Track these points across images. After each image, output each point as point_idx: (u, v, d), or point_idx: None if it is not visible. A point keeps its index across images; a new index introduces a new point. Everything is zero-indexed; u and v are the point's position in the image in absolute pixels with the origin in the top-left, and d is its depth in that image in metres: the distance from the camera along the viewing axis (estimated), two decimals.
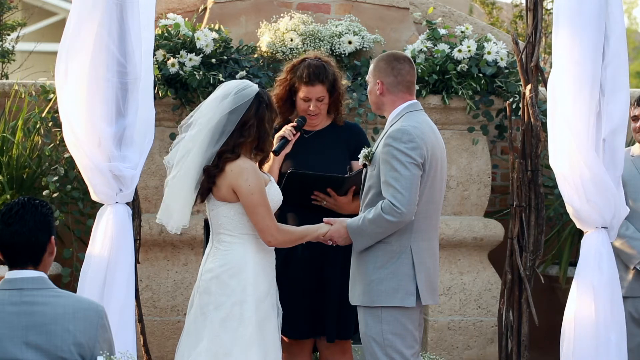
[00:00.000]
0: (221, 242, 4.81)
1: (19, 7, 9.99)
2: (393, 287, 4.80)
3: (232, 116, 4.75)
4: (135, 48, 5.18)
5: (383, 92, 4.93)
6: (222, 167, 4.74)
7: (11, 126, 6.65)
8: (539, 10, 5.75)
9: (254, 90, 4.80)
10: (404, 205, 4.70)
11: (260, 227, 4.75)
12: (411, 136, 4.76)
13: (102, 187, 5.19)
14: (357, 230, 4.83)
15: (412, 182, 4.73)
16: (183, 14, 6.91)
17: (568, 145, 5.22)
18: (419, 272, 4.83)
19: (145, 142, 5.35)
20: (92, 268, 5.15)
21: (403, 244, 4.82)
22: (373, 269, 4.82)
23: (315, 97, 5.36)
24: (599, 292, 5.27)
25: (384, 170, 4.78)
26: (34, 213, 3.80)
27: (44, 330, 3.70)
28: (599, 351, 5.20)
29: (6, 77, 8.61)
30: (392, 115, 4.93)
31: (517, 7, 10.84)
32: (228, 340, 4.70)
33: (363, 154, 4.92)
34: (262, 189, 4.76)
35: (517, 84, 6.62)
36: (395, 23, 7.03)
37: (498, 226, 6.80)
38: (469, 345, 6.77)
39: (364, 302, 4.85)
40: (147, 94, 5.37)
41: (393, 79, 4.93)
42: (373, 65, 5.00)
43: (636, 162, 5.96)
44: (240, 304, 4.72)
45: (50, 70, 7.68)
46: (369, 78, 5.02)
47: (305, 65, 5.42)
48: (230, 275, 4.75)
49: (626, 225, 5.76)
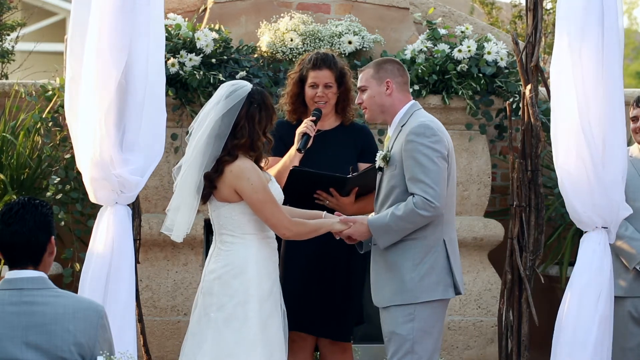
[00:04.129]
0: (223, 242, 4.81)
1: (18, 7, 9.98)
2: (434, 282, 4.83)
3: (225, 119, 4.74)
4: (141, 47, 5.15)
5: (392, 92, 4.95)
6: (221, 170, 4.74)
7: (11, 126, 6.65)
8: (539, 10, 5.75)
9: (245, 91, 4.79)
10: (436, 199, 4.74)
11: (272, 222, 4.75)
12: (433, 130, 4.84)
13: (103, 192, 5.18)
14: (384, 227, 4.82)
15: (441, 175, 4.79)
16: (183, 14, 6.91)
17: (569, 145, 5.23)
18: (454, 263, 4.90)
19: (155, 149, 5.26)
20: (92, 268, 5.15)
21: (437, 237, 4.86)
22: (411, 266, 4.83)
23: (322, 82, 5.38)
24: (594, 292, 5.27)
25: (409, 166, 4.80)
26: (33, 213, 3.80)
27: (44, 330, 3.70)
28: (587, 350, 5.22)
29: (6, 77, 8.61)
30: (400, 115, 4.95)
31: (516, 7, 10.84)
32: (231, 340, 4.71)
33: (380, 156, 4.93)
34: (265, 186, 4.75)
35: (517, 84, 6.62)
36: (395, 23, 7.03)
37: (498, 226, 6.80)
38: (469, 345, 6.77)
39: (402, 300, 4.82)
40: (155, 97, 5.27)
41: (401, 78, 4.99)
42: (373, 69, 4.98)
43: (635, 162, 5.96)
44: (243, 305, 4.72)
45: (50, 70, 7.69)
46: (367, 83, 4.98)
47: (314, 54, 5.51)
48: (232, 276, 4.75)
49: (626, 225, 5.76)
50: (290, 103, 5.51)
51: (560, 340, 5.31)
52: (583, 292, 5.30)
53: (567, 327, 5.29)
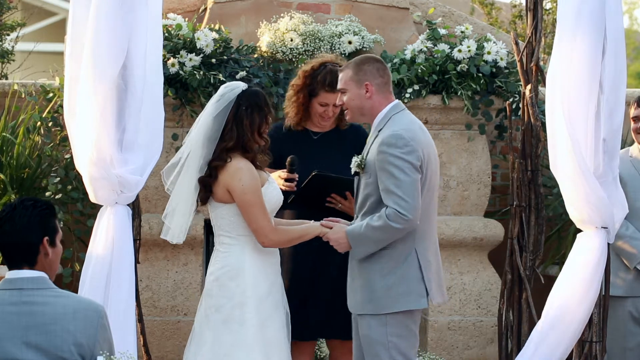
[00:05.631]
0: (221, 244, 4.83)
1: (18, 7, 9.98)
2: (404, 292, 4.76)
3: (215, 123, 4.75)
4: (139, 47, 5.15)
5: (372, 95, 4.85)
6: (215, 175, 4.74)
7: (11, 126, 6.65)
8: (538, 10, 5.75)
9: (235, 93, 4.79)
10: (409, 212, 4.65)
11: (254, 227, 4.74)
12: (405, 140, 4.71)
13: (103, 192, 5.18)
14: (360, 237, 4.77)
15: (414, 187, 4.68)
16: (183, 14, 6.91)
17: (568, 145, 5.22)
18: (427, 272, 4.81)
19: (154, 148, 5.26)
20: (92, 268, 5.15)
21: (408, 247, 4.79)
22: (380, 277, 4.77)
23: (333, 103, 5.35)
24: (586, 290, 5.26)
25: (382, 177, 4.72)
26: (23, 214, 3.78)
27: (44, 330, 3.70)
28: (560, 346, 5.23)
29: (5, 77, 8.61)
30: (379, 119, 4.86)
31: (516, 8, 10.84)
32: (229, 342, 4.72)
33: (355, 162, 4.85)
34: (257, 189, 4.74)
35: (517, 84, 6.61)
36: (395, 23, 7.03)
37: (498, 226, 6.80)
38: (469, 345, 6.77)
39: (373, 310, 4.78)
40: (154, 97, 5.27)
41: (381, 79, 4.87)
42: (352, 70, 4.88)
43: (635, 162, 5.97)
44: (240, 306, 4.73)
45: (50, 70, 7.69)
46: (346, 86, 4.90)
47: (327, 72, 5.42)
48: (229, 278, 4.76)
49: (626, 225, 5.76)
50: (297, 113, 5.49)
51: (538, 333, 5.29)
52: (574, 290, 5.27)
53: (547, 322, 5.27)
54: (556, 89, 5.23)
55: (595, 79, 5.18)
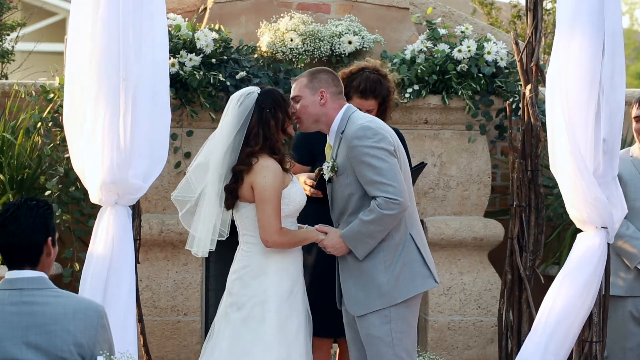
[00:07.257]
0: (245, 243, 4.88)
1: (18, 7, 9.99)
2: (410, 277, 4.82)
3: (238, 136, 4.79)
4: (143, 48, 5.13)
5: (326, 102, 4.92)
6: (240, 179, 4.79)
7: (11, 126, 6.65)
8: (538, 10, 5.76)
9: (252, 100, 4.82)
10: (398, 195, 4.71)
11: (262, 224, 4.77)
12: (373, 130, 4.79)
13: (104, 193, 5.16)
14: (356, 236, 4.79)
15: (395, 171, 4.75)
16: (183, 14, 6.91)
17: (567, 145, 5.22)
18: (425, 253, 4.88)
19: (159, 156, 5.23)
20: (93, 268, 5.14)
21: (404, 233, 4.84)
22: (384, 269, 4.81)
23: (365, 109, 5.39)
24: (586, 290, 5.26)
25: (361, 171, 4.76)
26: (28, 214, 3.79)
27: (44, 331, 3.70)
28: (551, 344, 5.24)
29: (6, 77, 8.62)
30: (337, 122, 4.93)
31: (516, 8, 10.85)
32: (248, 340, 4.75)
33: (327, 168, 4.89)
34: (277, 189, 4.77)
35: (517, 84, 6.62)
36: (395, 23, 7.03)
37: (498, 226, 6.80)
38: (469, 345, 6.77)
39: (381, 305, 4.80)
40: (159, 100, 5.22)
41: (335, 88, 4.97)
42: (307, 78, 4.96)
43: (636, 162, 5.97)
44: (262, 305, 4.77)
45: (50, 70, 7.69)
46: (300, 93, 4.96)
47: (362, 78, 5.47)
48: (252, 277, 4.81)
49: (627, 224, 5.77)
50: None
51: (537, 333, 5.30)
52: (574, 290, 5.27)
53: (544, 321, 5.27)
54: (556, 89, 5.23)
55: (595, 79, 5.18)
